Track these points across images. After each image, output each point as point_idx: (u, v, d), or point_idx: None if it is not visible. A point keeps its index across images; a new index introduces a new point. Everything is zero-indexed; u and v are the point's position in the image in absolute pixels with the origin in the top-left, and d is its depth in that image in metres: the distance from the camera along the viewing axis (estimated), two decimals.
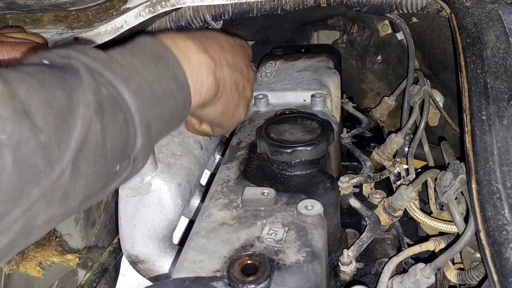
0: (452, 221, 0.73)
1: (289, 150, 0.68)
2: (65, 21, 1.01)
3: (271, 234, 0.55)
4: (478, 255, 0.67)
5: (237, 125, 0.74)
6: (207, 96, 0.60)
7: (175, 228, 0.77)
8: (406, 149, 1.03)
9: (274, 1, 1.05)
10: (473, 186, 0.59)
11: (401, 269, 0.75)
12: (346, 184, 0.79)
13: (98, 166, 0.42)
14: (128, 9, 0.99)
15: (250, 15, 1.07)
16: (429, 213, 0.82)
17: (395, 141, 1.02)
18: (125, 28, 0.99)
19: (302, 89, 0.92)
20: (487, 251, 0.53)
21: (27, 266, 0.92)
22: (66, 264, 1.00)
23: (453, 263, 0.69)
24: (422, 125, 1.00)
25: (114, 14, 0.99)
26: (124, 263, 1.20)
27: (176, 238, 0.83)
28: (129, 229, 0.75)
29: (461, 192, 0.70)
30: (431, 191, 0.85)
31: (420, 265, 0.64)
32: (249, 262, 0.50)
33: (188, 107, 0.56)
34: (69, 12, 0.99)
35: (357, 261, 0.69)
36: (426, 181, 0.82)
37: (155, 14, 0.99)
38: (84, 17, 1.00)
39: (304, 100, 0.90)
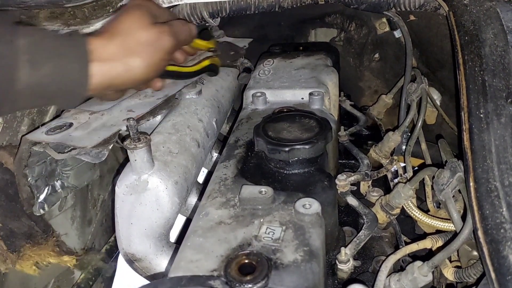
0: (449, 219, 0.73)
1: (287, 149, 0.68)
2: (61, 18, 1.00)
3: (268, 233, 0.55)
4: (475, 253, 0.67)
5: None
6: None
7: (172, 226, 0.77)
8: (404, 147, 1.03)
9: None
10: (471, 184, 0.59)
11: (399, 267, 0.75)
12: (343, 182, 0.79)
13: None
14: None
15: (248, 12, 1.07)
16: (426, 211, 0.82)
17: (393, 139, 1.02)
18: None
19: (300, 87, 0.92)
20: (485, 249, 0.53)
21: (23, 265, 0.92)
22: (63, 265, 1.00)
23: (450, 261, 0.69)
24: (420, 123, 1.00)
25: (110, 11, 0.99)
26: (121, 262, 1.20)
27: (173, 236, 0.83)
28: (125, 227, 0.74)
29: (459, 190, 0.70)
30: (428, 189, 0.85)
31: (418, 263, 0.64)
32: (246, 261, 0.50)
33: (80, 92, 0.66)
34: (65, 9, 0.98)
35: (354, 259, 0.69)
36: (423, 179, 0.82)
37: None
38: (80, 14, 0.99)
39: (302, 98, 0.90)
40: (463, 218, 0.64)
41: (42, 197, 0.90)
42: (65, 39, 0.63)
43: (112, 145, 0.76)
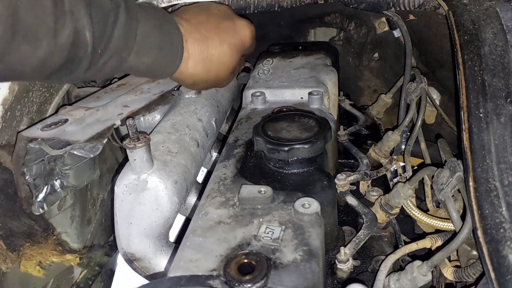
0: (448, 219, 0.73)
1: (286, 148, 0.68)
2: None
3: (268, 233, 0.55)
4: (474, 252, 0.67)
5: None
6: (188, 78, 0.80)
7: (171, 226, 0.77)
8: (403, 146, 1.03)
9: None
10: (471, 183, 0.59)
11: (398, 267, 0.75)
12: (343, 181, 0.79)
13: None
14: None
15: (247, 11, 1.06)
16: (425, 210, 0.82)
17: (392, 139, 1.02)
18: None
19: (299, 86, 0.91)
20: (485, 249, 0.53)
21: (27, 265, 0.92)
22: (66, 263, 0.99)
23: (450, 261, 0.69)
24: (419, 123, 1.00)
25: None
26: (120, 261, 1.20)
27: (173, 236, 0.83)
28: (125, 227, 0.74)
29: (458, 190, 0.70)
30: (427, 189, 0.85)
31: (417, 262, 0.64)
32: (245, 261, 0.50)
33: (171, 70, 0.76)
34: None
35: (354, 258, 0.69)
36: (423, 178, 0.82)
37: None
38: None
39: (302, 98, 0.90)
40: (463, 217, 0.64)
41: (41, 196, 0.90)
42: (166, 34, 0.71)
43: (106, 139, 0.76)
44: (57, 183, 0.94)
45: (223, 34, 0.78)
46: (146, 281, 0.70)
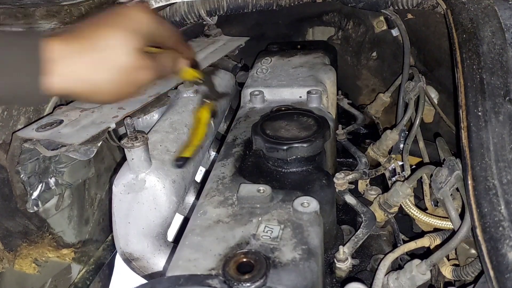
0: (447, 217, 0.73)
1: (285, 147, 0.67)
2: (57, 16, 0.99)
3: (267, 232, 0.55)
4: (473, 251, 0.67)
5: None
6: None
7: (169, 225, 0.77)
8: (401, 145, 1.03)
9: None
10: (469, 182, 0.59)
11: (397, 266, 0.75)
12: (341, 180, 0.79)
13: None
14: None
15: (245, 10, 1.06)
16: (424, 209, 0.82)
17: (390, 138, 1.02)
18: None
19: (298, 85, 0.91)
20: (484, 247, 0.53)
21: (22, 263, 0.92)
22: (61, 259, 0.99)
23: (448, 259, 0.69)
24: (417, 122, 1.01)
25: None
26: (118, 261, 1.20)
27: (171, 235, 0.83)
28: (123, 226, 0.74)
29: (457, 188, 0.70)
30: (426, 188, 0.85)
31: (416, 261, 0.64)
32: (244, 260, 0.50)
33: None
34: (62, 7, 0.98)
35: (352, 257, 0.69)
36: (421, 177, 0.82)
37: None
38: (77, 12, 0.99)
39: (300, 97, 0.90)
40: (461, 216, 0.64)
41: (35, 194, 0.90)
42: (19, 47, 0.56)
43: (101, 142, 0.76)
44: (51, 181, 0.94)
45: (107, 32, 0.61)
46: (144, 281, 0.69)
